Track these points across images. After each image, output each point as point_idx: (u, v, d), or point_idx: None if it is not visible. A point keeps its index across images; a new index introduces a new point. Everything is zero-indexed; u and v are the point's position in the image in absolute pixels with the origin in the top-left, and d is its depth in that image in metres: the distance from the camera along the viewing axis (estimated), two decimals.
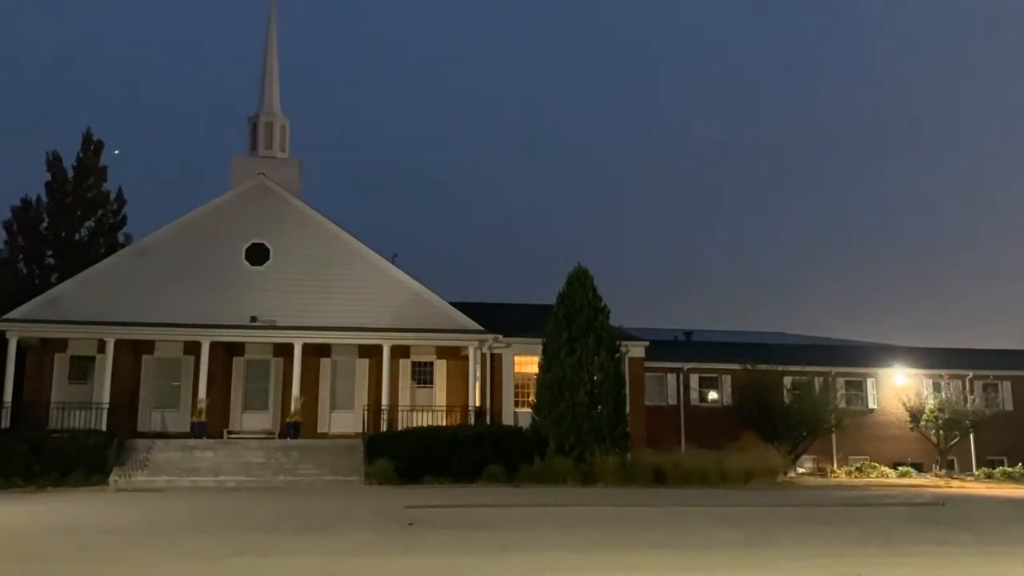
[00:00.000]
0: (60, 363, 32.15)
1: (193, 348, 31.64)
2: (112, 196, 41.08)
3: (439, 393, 33.91)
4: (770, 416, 36.07)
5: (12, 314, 30.23)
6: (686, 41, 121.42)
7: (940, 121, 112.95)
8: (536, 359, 31.07)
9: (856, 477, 35.78)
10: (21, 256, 39.23)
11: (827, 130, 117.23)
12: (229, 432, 31.52)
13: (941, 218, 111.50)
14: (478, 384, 32.86)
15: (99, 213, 40.65)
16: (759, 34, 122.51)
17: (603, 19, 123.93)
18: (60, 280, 35.03)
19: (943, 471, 38.10)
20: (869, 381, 41.12)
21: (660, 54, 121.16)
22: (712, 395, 39.95)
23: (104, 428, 28.90)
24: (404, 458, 27.31)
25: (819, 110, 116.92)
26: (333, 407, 33.24)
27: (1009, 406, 41.69)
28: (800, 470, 36.51)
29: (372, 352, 32.93)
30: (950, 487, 32.02)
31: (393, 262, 34.36)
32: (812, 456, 38.27)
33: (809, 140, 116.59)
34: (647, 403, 35.65)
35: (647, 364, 35.70)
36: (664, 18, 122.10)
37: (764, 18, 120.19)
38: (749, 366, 38.34)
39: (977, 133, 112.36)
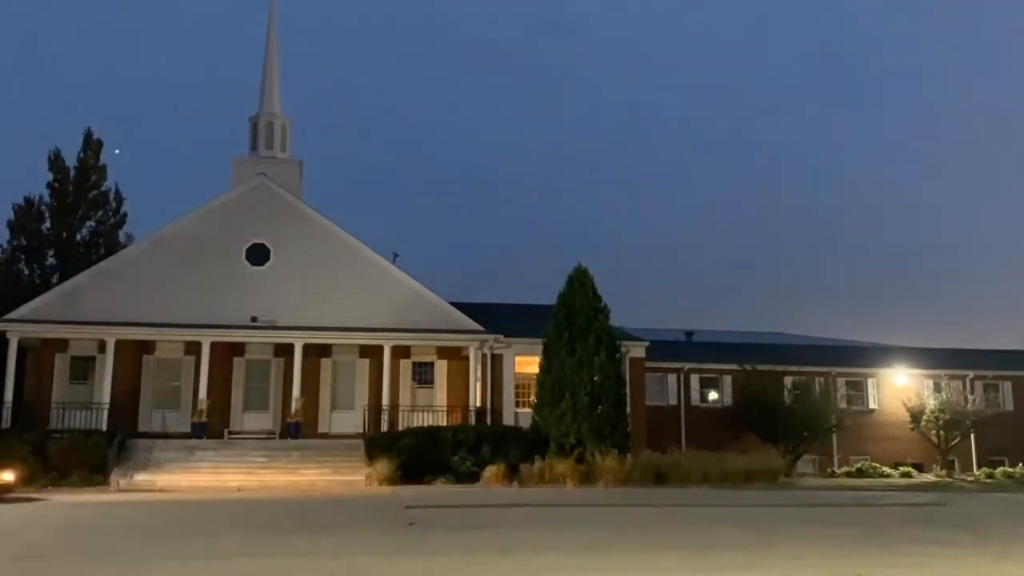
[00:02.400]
0: (61, 363, 32.19)
1: (194, 348, 31.67)
2: (112, 195, 41.18)
3: (440, 393, 33.94)
4: (771, 416, 36.11)
5: (13, 314, 30.27)
6: (687, 38, 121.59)
7: (939, 122, 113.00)
8: (537, 359, 31.07)
9: (857, 477, 35.74)
10: (22, 256, 39.30)
11: (828, 133, 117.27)
12: (230, 432, 31.56)
13: (941, 218, 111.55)
14: (479, 384, 32.88)
15: (100, 213, 40.74)
16: (765, 28, 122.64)
17: (594, 16, 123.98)
18: (61, 280, 35.10)
19: (944, 471, 38.09)
20: (869, 381, 41.14)
21: (656, 53, 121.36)
22: (713, 395, 39.96)
23: (105, 428, 28.93)
24: (405, 458, 27.33)
25: (820, 113, 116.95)
26: (334, 407, 33.27)
27: (1009, 406, 41.74)
28: (801, 471, 36.50)
29: (373, 352, 32.94)
30: (950, 487, 31.99)
31: (393, 262, 34.43)
32: (813, 456, 38.31)
33: (809, 141, 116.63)
34: (648, 403, 35.65)
35: (648, 364, 35.72)
36: (639, 9, 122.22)
37: (768, 12, 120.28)
38: (749, 366, 38.39)
39: (978, 132, 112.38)
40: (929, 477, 36.92)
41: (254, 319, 31.73)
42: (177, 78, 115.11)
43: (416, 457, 27.52)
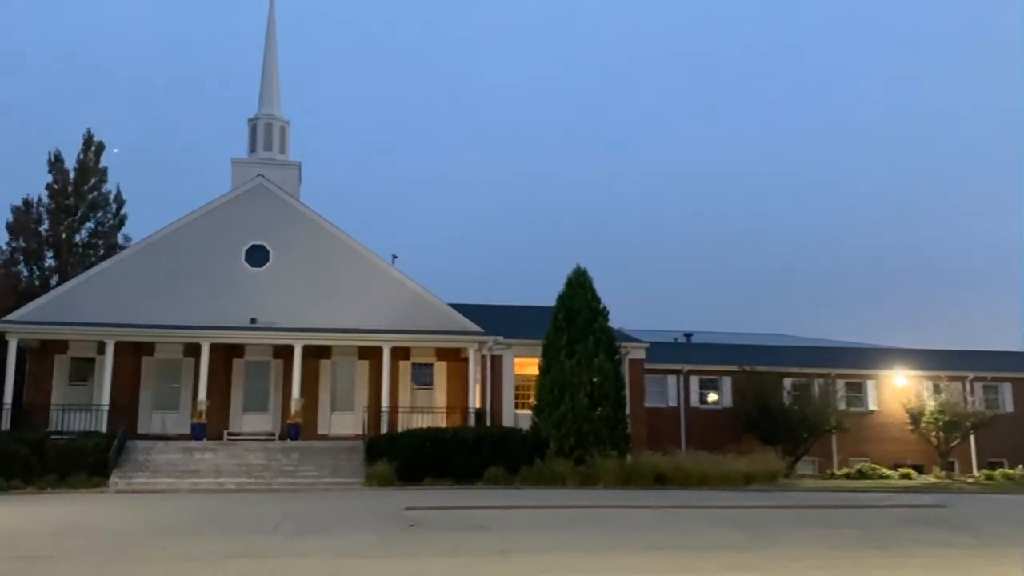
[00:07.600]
0: (60, 365, 32.12)
1: (193, 350, 31.63)
2: (112, 197, 41.21)
3: (439, 395, 33.92)
4: (770, 418, 36.09)
5: (12, 315, 30.25)
6: (691, 39, 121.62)
7: (938, 122, 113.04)
8: (536, 361, 31.04)
9: (856, 479, 35.70)
10: (21, 257, 39.31)
11: (829, 136, 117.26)
12: (229, 434, 31.53)
13: (941, 219, 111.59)
14: (478, 386, 32.83)
15: (99, 214, 40.77)
16: (773, 43, 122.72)
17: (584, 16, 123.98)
18: (60, 281, 35.09)
19: (943, 473, 38.07)
20: (869, 383, 41.11)
21: (653, 58, 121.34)
22: (712, 397, 39.93)
23: (104, 430, 28.86)
24: (404, 460, 27.32)
25: (824, 115, 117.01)
26: (333, 409, 33.25)
27: (1009, 407, 41.71)
28: (800, 472, 36.47)
29: (372, 354, 32.92)
30: (950, 488, 31.97)
31: (393, 263, 34.43)
32: (812, 458, 38.25)
33: (811, 142, 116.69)
34: (647, 405, 35.60)
35: (647, 366, 35.68)
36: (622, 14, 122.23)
37: (763, 32, 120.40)
38: (749, 368, 38.36)
39: (977, 133, 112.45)
40: (929, 478, 36.87)
41: (253, 320, 31.72)
42: (177, 78, 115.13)
43: (416, 459, 27.50)
